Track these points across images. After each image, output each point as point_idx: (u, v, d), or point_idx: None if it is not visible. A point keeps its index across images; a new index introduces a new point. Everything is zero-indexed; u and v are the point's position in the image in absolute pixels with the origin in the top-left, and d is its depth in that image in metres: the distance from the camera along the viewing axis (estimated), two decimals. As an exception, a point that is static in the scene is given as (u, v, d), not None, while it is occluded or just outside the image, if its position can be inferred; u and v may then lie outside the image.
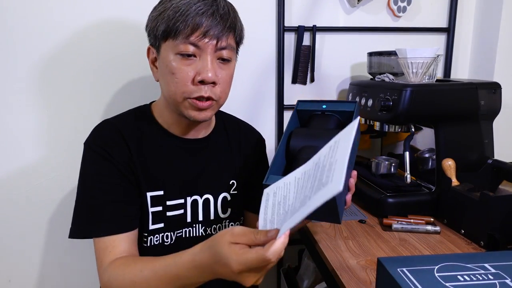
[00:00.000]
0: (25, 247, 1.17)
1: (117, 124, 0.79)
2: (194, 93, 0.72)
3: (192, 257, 0.59)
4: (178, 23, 0.68)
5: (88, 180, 0.75)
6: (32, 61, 1.07)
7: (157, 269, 0.63)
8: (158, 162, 0.78)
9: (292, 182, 0.56)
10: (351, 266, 0.74)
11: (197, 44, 0.69)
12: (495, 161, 0.94)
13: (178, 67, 0.71)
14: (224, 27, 0.70)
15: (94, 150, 0.75)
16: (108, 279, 0.68)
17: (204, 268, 0.57)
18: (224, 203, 0.84)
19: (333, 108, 0.73)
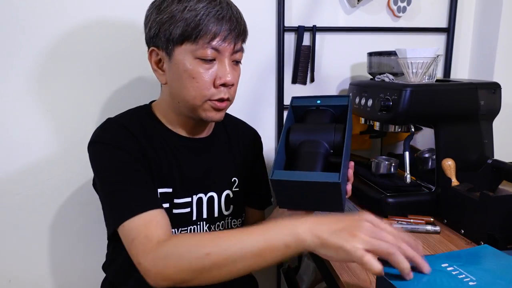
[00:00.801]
0: (25, 247, 1.17)
1: (122, 122, 0.78)
2: (215, 96, 0.73)
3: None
4: (199, 27, 0.68)
5: (107, 174, 0.73)
6: (34, 61, 1.07)
7: (240, 230, 0.62)
8: (166, 159, 0.79)
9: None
10: (351, 266, 0.74)
11: (218, 48, 0.71)
12: (495, 161, 0.94)
13: (199, 71, 0.71)
14: (240, 31, 0.73)
15: (104, 143, 0.74)
16: (166, 249, 0.62)
17: (311, 218, 0.58)
18: (227, 200, 0.85)
19: (327, 103, 0.74)
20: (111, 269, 0.86)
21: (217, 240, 0.60)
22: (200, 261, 0.59)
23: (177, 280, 0.61)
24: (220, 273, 0.59)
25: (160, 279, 0.61)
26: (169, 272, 0.60)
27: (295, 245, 0.56)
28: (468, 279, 0.50)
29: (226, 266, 0.59)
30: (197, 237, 0.65)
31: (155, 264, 0.61)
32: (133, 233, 0.65)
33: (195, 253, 0.60)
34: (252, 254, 0.58)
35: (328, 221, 0.57)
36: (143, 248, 0.63)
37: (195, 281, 0.61)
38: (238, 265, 0.59)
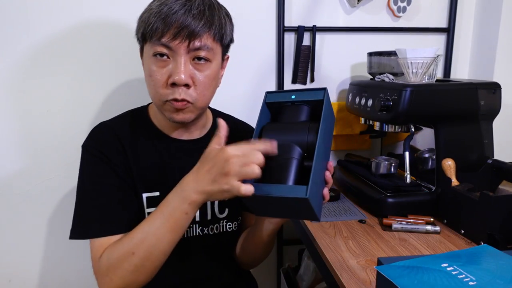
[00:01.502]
0: (25, 247, 1.17)
1: (113, 126, 0.79)
2: (169, 96, 0.70)
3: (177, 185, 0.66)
4: (151, 25, 0.68)
5: (86, 182, 0.75)
6: (34, 60, 1.07)
7: (146, 220, 0.67)
8: (153, 163, 0.78)
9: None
10: (351, 266, 0.74)
11: (169, 45, 0.68)
12: (495, 161, 0.94)
13: (153, 69, 0.71)
14: (196, 27, 0.68)
15: (92, 153, 0.75)
16: (104, 264, 0.68)
17: (190, 177, 0.64)
18: (221, 203, 0.84)
19: (302, 98, 0.69)
20: None
21: (133, 237, 0.66)
22: (131, 263, 0.65)
23: (130, 286, 0.67)
24: (152, 262, 0.66)
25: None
26: (116, 283, 0.66)
27: (192, 208, 0.64)
28: (468, 279, 0.50)
29: (152, 255, 0.65)
30: (119, 243, 0.68)
31: (104, 282, 0.68)
32: (91, 252, 0.72)
33: (123, 259, 0.65)
34: (164, 235, 0.65)
35: (203, 171, 0.62)
36: (94, 271, 0.71)
37: (140, 279, 0.67)
38: (160, 247, 0.65)
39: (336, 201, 1.07)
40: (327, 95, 0.68)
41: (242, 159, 0.59)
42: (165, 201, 0.66)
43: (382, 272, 0.52)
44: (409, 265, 0.53)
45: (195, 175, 0.63)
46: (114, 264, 0.66)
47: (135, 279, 0.66)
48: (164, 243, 0.65)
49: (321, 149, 0.64)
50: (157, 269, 0.67)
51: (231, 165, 0.58)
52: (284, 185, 0.61)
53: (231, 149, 0.60)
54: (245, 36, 1.18)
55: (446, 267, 0.54)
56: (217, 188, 0.60)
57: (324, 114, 0.65)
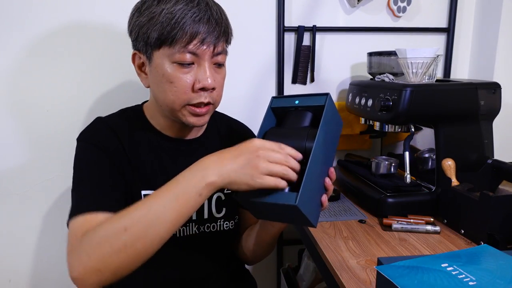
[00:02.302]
0: (25, 247, 1.17)
1: (110, 122, 0.78)
2: (194, 100, 0.71)
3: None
4: (175, 31, 0.66)
5: (77, 170, 0.73)
6: (29, 61, 1.07)
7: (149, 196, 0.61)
8: (150, 162, 0.78)
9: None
10: (351, 266, 0.74)
11: (195, 52, 0.68)
12: (495, 161, 0.94)
13: (176, 76, 0.69)
14: (220, 33, 0.70)
15: (87, 141, 0.75)
16: (86, 240, 0.60)
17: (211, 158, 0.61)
18: (218, 203, 0.84)
19: (305, 103, 0.69)
20: None
21: (129, 213, 0.59)
22: (120, 239, 0.57)
23: (104, 270, 0.57)
24: (143, 244, 0.58)
25: (88, 275, 0.58)
26: (93, 263, 0.57)
27: (207, 191, 0.59)
28: (468, 279, 0.50)
29: (147, 236, 0.58)
30: (111, 218, 0.61)
31: (79, 260, 0.58)
32: (70, 232, 0.65)
33: (112, 232, 0.58)
34: (166, 214, 0.58)
35: (230, 157, 0.60)
36: (71, 248, 0.62)
37: (123, 263, 0.58)
38: (158, 229, 0.58)
39: (336, 201, 1.07)
40: (330, 100, 0.68)
41: (269, 153, 0.60)
42: (176, 180, 0.61)
43: (382, 272, 0.52)
44: (409, 265, 0.53)
45: (218, 158, 0.61)
46: (99, 239, 0.58)
47: (116, 262, 0.57)
48: (164, 225, 0.58)
49: (318, 155, 0.64)
50: (144, 257, 0.59)
51: (260, 157, 0.59)
52: (277, 192, 0.62)
53: (260, 142, 0.61)
54: (245, 36, 1.18)
55: (446, 267, 0.54)
56: (241, 179, 0.59)
57: (324, 120, 0.65)
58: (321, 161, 0.66)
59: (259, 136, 0.70)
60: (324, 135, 0.65)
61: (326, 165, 0.69)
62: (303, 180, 0.60)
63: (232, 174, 0.59)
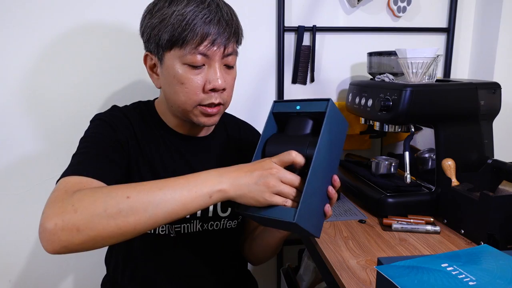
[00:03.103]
0: (25, 247, 1.17)
1: (126, 112, 0.80)
2: (205, 101, 0.73)
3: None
4: (185, 33, 0.67)
5: (86, 135, 0.74)
6: (33, 62, 1.07)
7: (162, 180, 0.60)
8: (160, 156, 0.79)
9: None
10: (351, 266, 0.74)
11: (206, 53, 0.69)
12: (495, 161, 0.94)
13: (187, 77, 0.70)
14: (230, 34, 0.70)
15: (102, 119, 0.76)
16: (78, 196, 0.56)
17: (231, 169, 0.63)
18: (224, 202, 0.84)
19: (306, 109, 0.68)
20: (111, 261, 0.86)
21: (138, 186, 0.58)
22: (117, 204, 0.55)
23: (83, 231, 0.53)
24: (138, 219, 0.56)
25: (64, 231, 0.53)
26: (77, 219, 0.53)
27: (217, 196, 0.61)
28: (468, 279, 0.50)
29: (145, 212, 0.56)
30: (117, 185, 0.59)
31: (62, 211, 0.54)
32: (59, 186, 0.61)
33: (114, 196, 0.56)
34: (174, 201, 0.58)
35: (246, 170, 0.62)
36: (55, 199, 0.57)
37: (106, 232, 0.54)
38: (159, 211, 0.57)
39: (336, 201, 1.07)
40: (331, 106, 0.66)
41: (280, 173, 0.61)
42: (194, 175, 0.62)
43: (382, 272, 0.52)
44: (409, 265, 0.53)
45: (236, 169, 0.63)
46: (95, 198, 0.55)
47: (100, 227, 0.54)
48: (166, 209, 0.57)
49: (320, 165, 0.63)
50: (128, 234, 0.56)
51: (273, 176, 0.61)
52: (271, 207, 0.62)
53: (274, 164, 0.63)
54: (245, 36, 1.17)
55: (446, 267, 0.54)
56: (252, 194, 0.61)
57: (325, 127, 0.64)
58: (324, 170, 0.65)
59: (261, 143, 0.70)
60: (326, 143, 0.64)
61: (330, 172, 0.68)
62: (302, 196, 0.60)
63: (244, 187, 0.61)
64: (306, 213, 0.61)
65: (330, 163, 0.67)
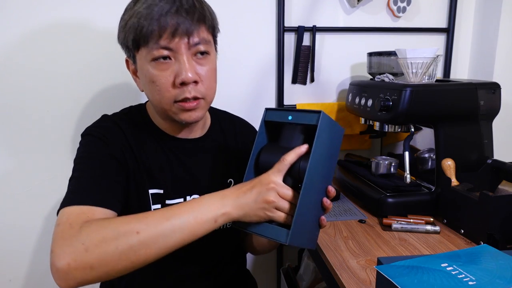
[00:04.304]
0: (26, 247, 1.17)
1: (116, 120, 0.78)
2: (179, 96, 0.70)
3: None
4: (144, 29, 0.66)
5: (79, 161, 0.72)
6: (29, 62, 1.07)
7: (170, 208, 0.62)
8: (157, 160, 0.78)
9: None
10: (351, 266, 0.74)
11: (169, 46, 0.67)
12: (494, 161, 0.94)
13: (156, 74, 0.69)
14: (192, 22, 0.67)
15: (93, 135, 0.74)
16: (87, 232, 0.57)
17: (231, 190, 0.65)
18: None
19: (298, 120, 0.67)
20: None
21: (145, 218, 0.59)
22: (127, 241, 0.56)
23: (97, 268, 0.55)
24: (148, 252, 0.58)
25: (77, 270, 0.54)
26: (89, 258, 0.54)
27: (222, 219, 0.63)
28: (467, 279, 0.50)
29: (155, 244, 0.58)
30: (123, 218, 0.60)
31: (73, 251, 0.55)
32: (62, 219, 0.61)
33: (123, 232, 0.57)
34: (182, 230, 0.60)
35: (245, 189, 0.64)
36: (62, 235, 0.57)
37: (119, 266, 0.56)
38: (169, 241, 0.59)
39: (336, 201, 1.07)
40: (323, 119, 0.64)
41: (279, 189, 0.63)
42: (198, 201, 0.64)
43: (382, 271, 0.53)
44: (409, 265, 0.53)
45: (236, 190, 0.65)
46: (105, 235, 0.56)
47: (113, 263, 0.56)
48: (175, 239, 0.59)
49: (312, 182, 0.63)
50: (141, 265, 0.59)
51: (272, 193, 0.62)
52: (267, 225, 0.65)
53: (274, 179, 0.64)
54: (245, 36, 1.18)
55: (446, 267, 0.54)
56: (254, 213, 0.63)
57: (316, 145, 0.63)
58: (317, 185, 0.66)
59: (255, 150, 0.71)
60: (318, 158, 0.64)
61: (325, 184, 0.68)
62: (294, 217, 0.61)
63: (245, 206, 0.63)
64: (299, 231, 0.63)
65: (324, 176, 0.68)
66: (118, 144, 0.74)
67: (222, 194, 0.64)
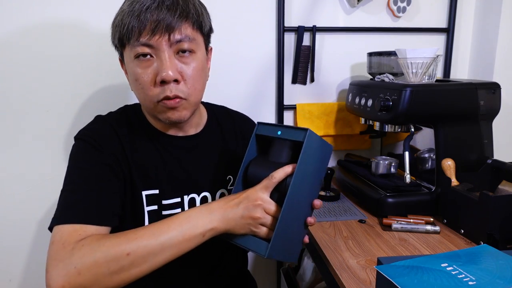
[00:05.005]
0: (26, 247, 1.17)
1: (110, 121, 0.77)
2: (160, 95, 0.68)
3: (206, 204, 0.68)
4: (125, 27, 0.66)
5: (73, 166, 0.71)
6: (29, 62, 1.07)
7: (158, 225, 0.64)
8: (151, 160, 0.77)
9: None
10: (351, 266, 0.74)
11: (149, 43, 0.66)
12: (494, 161, 0.94)
13: (138, 72, 0.69)
14: (173, 18, 0.66)
15: (85, 140, 0.73)
16: (79, 254, 0.58)
17: (218, 204, 0.66)
18: None
19: (286, 135, 0.67)
20: None
21: (135, 240, 0.61)
22: (119, 263, 0.59)
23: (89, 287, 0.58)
24: (139, 270, 0.61)
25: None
26: (82, 280, 0.57)
27: (210, 234, 0.65)
28: (467, 278, 0.50)
29: (146, 263, 0.60)
30: (113, 239, 0.61)
31: (66, 273, 0.57)
32: (55, 237, 0.62)
33: (114, 255, 0.59)
34: (171, 247, 0.62)
35: (233, 204, 0.66)
36: (55, 256, 0.59)
37: (112, 285, 0.59)
38: (159, 258, 0.61)
39: (336, 201, 1.07)
40: (309, 137, 0.65)
41: (265, 206, 0.65)
42: (185, 215, 0.65)
43: (382, 271, 0.53)
44: (409, 265, 0.54)
45: (224, 203, 0.66)
46: (97, 258, 0.58)
47: (106, 283, 0.58)
48: (165, 256, 0.62)
49: (296, 195, 0.65)
50: (133, 280, 0.61)
51: (258, 209, 0.64)
52: (250, 237, 0.67)
53: (261, 195, 0.66)
54: (245, 36, 1.18)
55: (446, 267, 0.54)
56: (239, 228, 0.65)
57: (302, 157, 0.64)
58: (301, 198, 0.68)
59: (245, 162, 0.72)
60: (302, 177, 0.65)
61: (309, 199, 0.70)
62: (275, 231, 0.63)
63: (232, 222, 0.65)
64: (279, 245, 0.65)
65: (309, 191, 0.69)
66: (111, 149, 0.73)
67: (210, 208, 0.66)
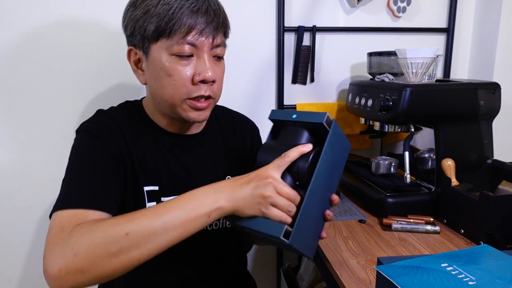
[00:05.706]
0: (26, 247, 1.17)
1: (112, 115, 0.77)
2: (194, 93, 0.70)
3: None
4: (172, 22, 0.65)
5: (74, 155, 0.71)
6: (28, 61, 1.07)
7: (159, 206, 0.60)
8: (152, 156, 0.77)
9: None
10: (351, 266, 0.74)
11: (194, 43, 0.67)
12: (494, 161, 0.94)
13: (175, 68, 0.68)
14: (218, 24, 0.69)
15: (88, 132, 0.72)
16: (77, 236, 0.56)
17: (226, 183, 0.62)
18: None
19: (303, 118, 0.66)
20: None
21: (136, 219, 0.58)
22: (117, 243, 0.55)
23: (88, 272, 0.55)
24: (140, 253, 0.57)
25: (69, 275, 0.54)
26: (80, 263, 0.54)
27: (216, 214, 0.60)
28: (467, 278, 0.50)
29: (146, 244, 0.57)
30: (113, 219, 0.59)
31: (63, 256, 0.55)
32: (54, 222, 0.60)
33: (112, 235, 0.56)
34: (174, 228, 0.58)
35: (241, 183, 0.62)
36: (53, 239, 0.57)
37: (111, 268, 0.55)
38: (161, 240, 0.57)
39: (336, 201, 1.07)
40: (335, 124, 0.63)
41: (277, 185, 0.60)
42: (190, 195, 0.61)
43: (382, 271, 0.53)
44: (409, 265, 0.54)
45: (232, 183, 0.62)
46: (94, 239, 0.55)
47: (104, 266, 0.55)
48: (168, 237, 0.58)
49: (318, 186, 0.62)
50: (133, 266, 0.57)
51: (268, 188, 0.59)
52: (266, 220, 0.60)
53: (272, 173, 0.61)
54: (245, 36, 1.18)
55: (446, 267, 0.54)
56: (248, 208, 0.61)
57: (328, 143, 0.61)
58: (322, 191, 0.64)
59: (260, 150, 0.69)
60: (328, 160, 0.62)
61: (329, 192, 0.66)
62: (298, 217, 0.59)
63: (240, 200, 0.60)
64: (301, 234, 0.60)
65: (329, 184, 0.66)
66: (113, 140, 0.72)
67: (217, 186, 0.62)
